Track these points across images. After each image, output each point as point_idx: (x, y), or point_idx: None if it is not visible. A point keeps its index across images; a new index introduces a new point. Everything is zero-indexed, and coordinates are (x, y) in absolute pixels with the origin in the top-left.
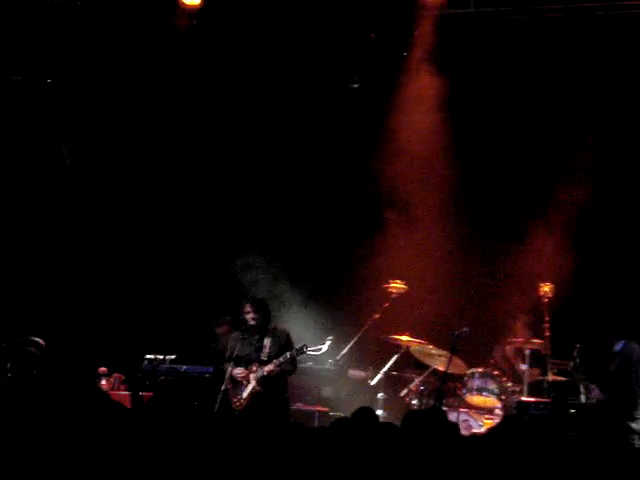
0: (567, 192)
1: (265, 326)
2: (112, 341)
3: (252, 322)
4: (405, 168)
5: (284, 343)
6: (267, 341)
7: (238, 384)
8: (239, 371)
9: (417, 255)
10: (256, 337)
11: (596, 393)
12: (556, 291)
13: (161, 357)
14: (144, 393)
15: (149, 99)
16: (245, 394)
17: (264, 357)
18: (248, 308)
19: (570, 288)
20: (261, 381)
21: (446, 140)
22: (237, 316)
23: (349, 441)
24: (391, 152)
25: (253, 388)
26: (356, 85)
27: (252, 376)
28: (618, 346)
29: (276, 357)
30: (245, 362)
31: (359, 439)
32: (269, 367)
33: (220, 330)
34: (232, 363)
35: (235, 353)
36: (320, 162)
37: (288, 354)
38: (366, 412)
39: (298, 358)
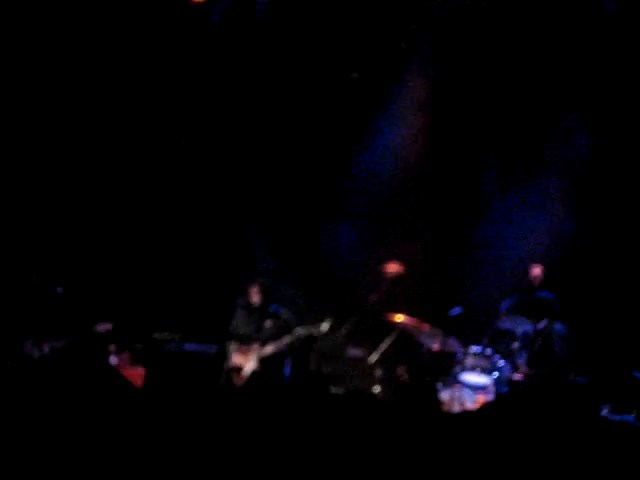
0: (556, 174)
1: (266, 308)
2: (120, 319)
3: (255, 301)
4: (401, 154)
5: (283, 325)
6: (267, 323)
7: (240, 362)
8: (238, 359)
9: (413, 237)
10: (256, 317)
11: (524, 369)
12: (547, 271)
13: (167, 335)
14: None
15: (152, 85)
16: (246, 372)
17: (264, 337)
18: (254, 288)
19: (561, 268)
20: (262, 361)
21: (439, 125)
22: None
23: (347, 417)
24: (388, 140)
25: (254, 367)
26: (355, 75)
27: (252, 356)
28: (541, 324)
29: (273, 338)
30: (245, 341)
31: (354, 415)
32: (268, 349)
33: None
34: (233, 340)
35: (236, 331)
36: (321, 148)
37: (288, 339)
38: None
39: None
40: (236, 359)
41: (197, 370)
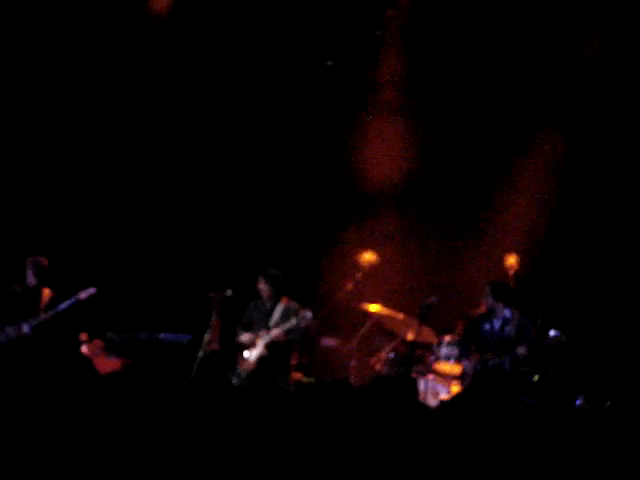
0: (535, 161)
1: (277, 296)
2: (91, 308)
3: (264, 293)
4: (375, 144)
5: (293, 314)
6: (277, 310)
7: (246, 346)
8: (245, 336)
9: (387, 225)
10: (268, 306)
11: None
12: (522, 261)
13: (140, 324)
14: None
15: (128, 77)
16: (253, 358)
17: (271, 324)
18: (260, 280)
19: (537, 258)
20: (269, 346)
21: (415, 114)
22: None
23: (320, 407)
24: (363, 130)
25: (260, 353)
26: (330, 63)
27: (260, 341)
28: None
29: (282, 324)
30: (255, 328)
31: (329, 405)
32: (275, 332)
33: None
34: (241, 329)
35: (248, 320)
36: (293, 141)
37: (293, 320)
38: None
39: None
40: (244, 340)
41: (170, 359)
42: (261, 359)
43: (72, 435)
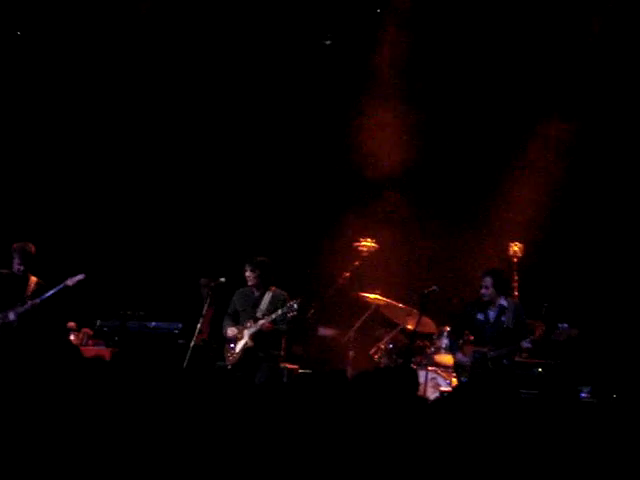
0: (540, 150)
1: (265, 285)
2: (81, 297)
3: (250, 281)
4: (375, 126)
5: (281, 304)
6: (265, 298)
7: (233, 339)
8: (231, 332)
9: (388, 214)
10: (256, 295)
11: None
12: (526, 250)
13: (130, 313)
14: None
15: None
16: (238, 349)
17: (259, 314)
18: (246, 268)
19: (540, 247)
20: (254, 336)
21: (417, 97)
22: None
23: (316, 398)
24: (363, 114)
25: (245, 343)
26: (328, 42)
27: (246, 332)
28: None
29: (269, 314)
30: (242, 317)
31: (326, 396)
32: (262, 322)
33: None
34: (228, 319)
35: (234, 309)
36: (293, 125)
37: (280, 311)
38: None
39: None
40: (231, 335)
41: (161, 348)
42: (246, 350)
43: (60, 425)
